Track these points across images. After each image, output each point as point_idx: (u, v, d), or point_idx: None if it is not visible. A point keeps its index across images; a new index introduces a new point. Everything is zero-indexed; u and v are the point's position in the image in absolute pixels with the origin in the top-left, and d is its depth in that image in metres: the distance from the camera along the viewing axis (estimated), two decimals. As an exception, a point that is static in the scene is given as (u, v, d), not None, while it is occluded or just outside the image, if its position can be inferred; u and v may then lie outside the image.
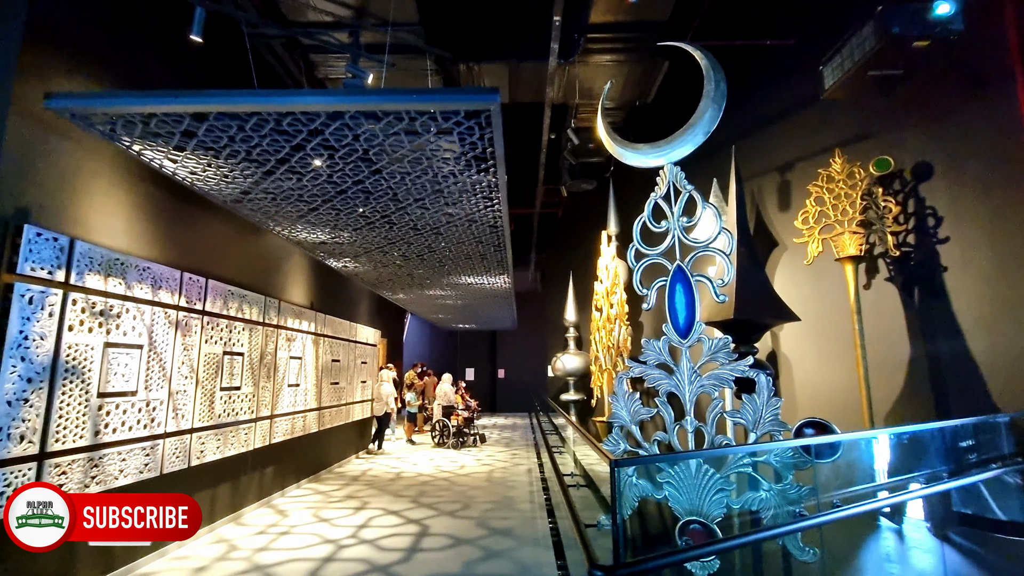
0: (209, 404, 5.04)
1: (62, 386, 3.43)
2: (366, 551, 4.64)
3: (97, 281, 3.72)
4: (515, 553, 4.59)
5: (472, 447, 10.95)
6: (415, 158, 3.74)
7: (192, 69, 4.74)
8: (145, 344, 4.18)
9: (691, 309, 3.34)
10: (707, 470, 3.03)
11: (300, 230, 5.49)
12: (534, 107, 7.39)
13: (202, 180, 4.07)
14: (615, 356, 9.05)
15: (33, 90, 3.25)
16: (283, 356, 6.62)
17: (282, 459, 6.61)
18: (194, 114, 3.00)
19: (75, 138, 3.60)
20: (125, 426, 3.97)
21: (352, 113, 3.03)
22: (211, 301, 5.08)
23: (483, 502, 6.35)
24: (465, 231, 5.51)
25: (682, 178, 3.51)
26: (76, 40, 3.65)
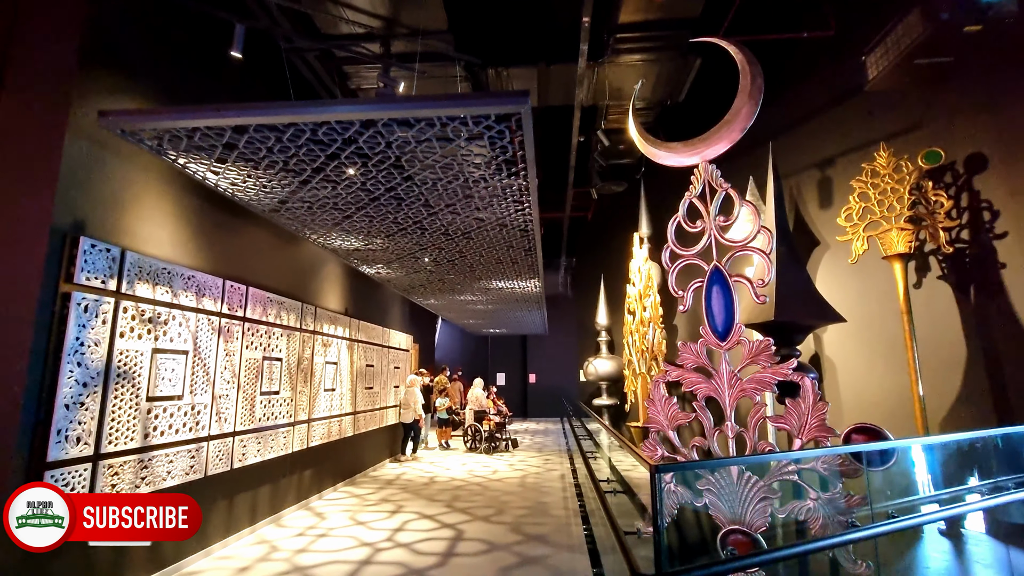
0: (250, 408, 5.19)
1: (114, 390, 3.59)
2: (402, 555, 4.67)
3: (146, 289, 3.89)
4: (551, 560, 4.54)
5: (504, 452, 10.93)
6: (446, 164, 3.77)
7: (232, 84, 4.92)
8: (190, 350, 4.34)
9: (729, 311, 3.24)
10: (749, 477, 2.92)
11: (335, 237, 5.61)
12: (563, 110, 7.37)
13: (242, 190, 4.21)
14: (649, 360, 8.89)
15: (87, 110, 3.43)
16: (319, 361, 6.77)
17: (319, 462, 6.74)
18: (235, 127, 3.11)
19: (125, 154, 3.78)
20: (172, 429, 4.12)
21: (384, 121, 3.08)
22: (251, 308, 5.24)
23: (517, 508, 6.32)
24: (496, 235, 5.53)
25: (718, 176, 3.42)
26: (125, 61, 3.84)
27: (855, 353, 5.81)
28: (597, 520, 5.57)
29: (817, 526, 2.76)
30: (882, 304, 5.50)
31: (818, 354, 6.14)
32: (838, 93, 6.16)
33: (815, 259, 6.30)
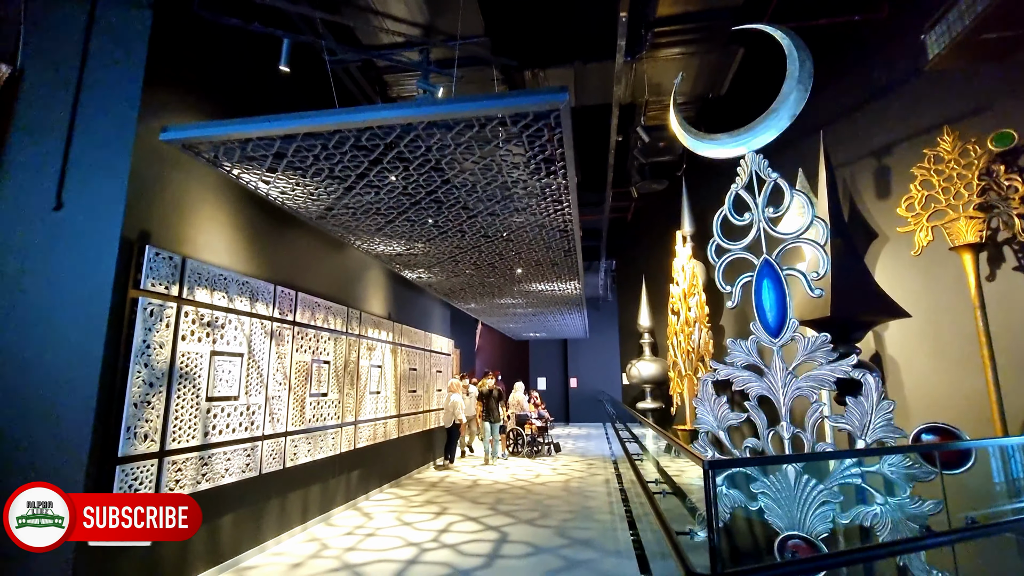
0: (300, 409, 5.36)
1: (177, 390, 3.78)
2: (448, 555, 4.70)
3: (204, 295, 4.09)
4: (597, 564, 4.46)
5: (547, 456, 10.85)
6: (485, 165, 3.79)
7: (281, 98, 5.14)
8: (245, 352, 4.53)
9: (782, 305, 3.10)
10: (808, 480, 2.77)
11: (377, 243, 5.75)
12: (601, 109, 7.30)
13: (291, 199, 4.37)
14: (695, 361, 8.63)
15: (151, 126, 3.66)
16: (365, 364, 6.93)
17: (366, 464, 6.89)
18: (284, 136, 3.24)
19: (184, 167, 4.00)
20: (229, 428, 4.31)
21: (424, 124, 3.13)
22: (301, 312, 5.43)
23: (561, 511, 6.25)
24: (535, 237, 5.52)
25: (765, 166, 3.29)
26: (184, 80, 4.07)
27: (921, 351, 5.44)
28: (644, 525, 5.43)
29: (885, 533, 2.59)
30: (950, 298, 5.13)
31: (879, 353, 5.78)
32: (894, 77, 5.82)
33: (873, 252, 5.95)
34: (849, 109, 6.35)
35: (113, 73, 3.72)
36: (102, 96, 3.70)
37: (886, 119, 5.92)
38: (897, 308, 4.82)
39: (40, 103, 3.77)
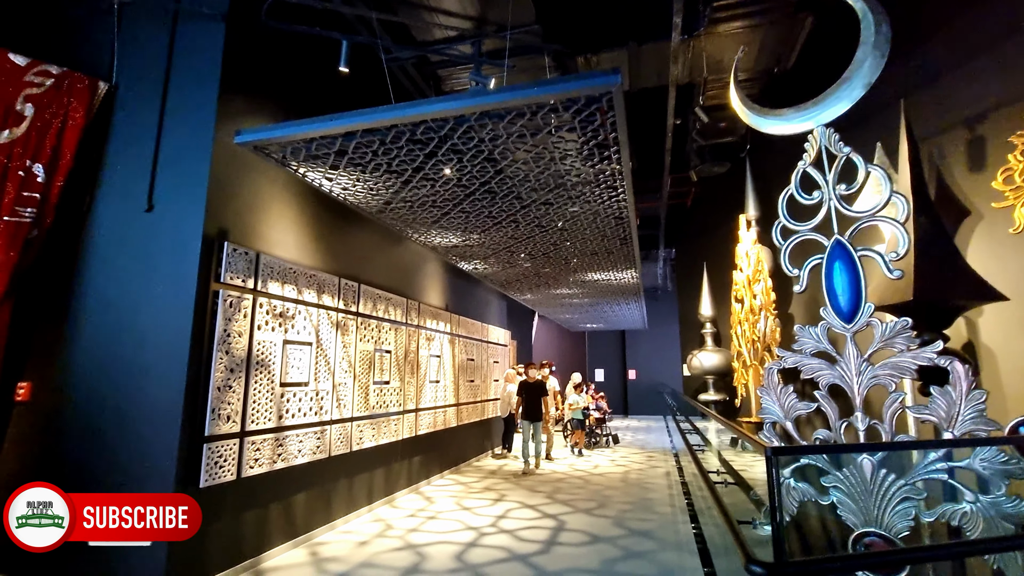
0: (365, 396, 5.62)
1: (254, 376, 4.08)
2: (506, 540, 4.79)
3: (276, 287, 4.37)
4: (657, 556, 4.39)
5: (605, 448, 10.77)
6: (537, 153, 3.79)
7: (341, 98, 5.36)
8: (313, 341, 4.80)
9: (855, 288, 2.90)
10: (886, 475, 2.59)
11: (434, 235, 5.89)
12: (657, 92, 7.07)
13: (352, 194, 4.57)
14: (761, 350, 8.24)
15: (226, 131, 3.94)
16: (424, 354, 7.15)
17: (426, 450, 7.12)
18: (344, 133, 3.38)
19: (256, 167, 4.28)
20: (300, 412, 4.59)
21: (477, 115, 3.17)
22: (363, 303, 5.68)
23: (620, 502, 6.19)
24: (590, 225, 5.45)
25: (836, 140, 3.07)
26: (254, 86, 4.34)
27: (1021, 338, 4.91)
28: (707, 520, 5.29)
29: (976, 533, 2.37)
30: (1059, 281, 4.59)
31: (972, 341, 5.27)
32: (988, 36, 5.23)
33: (965, 231, 5.41)
34: (934, 75, 5.79)
35: (193, 83, 4.03)
36: (184, 105, 4.01)
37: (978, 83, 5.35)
38: (992, 291, 4.37)
39: (132, 114, 4.14)
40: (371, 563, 4.18)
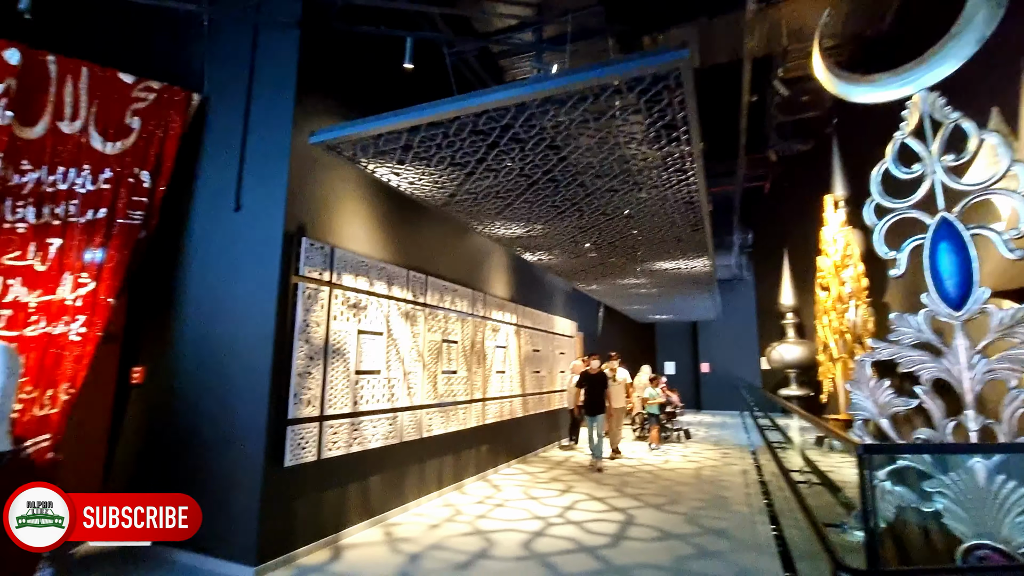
0: (433, 385, 5.79)
1: (331, 363, 4.31)
2: (573, 531, 4.76)
3: (350, 280, 4.58)
4: (732, 556, 4.19)
5: (676, 443, 10.42)
6: (601, 139, 3.69)
7: (406, 94, 5.50)
8: (384, 331, 5.00)
9: (965, 271, 2.57)
10: (1005, 481, 2.29)
11: (498, 226, 5.92)
12: (729, 68, 6.65)
13: (418, 188, 4.68)
14: (851, 342, 7.59)
15: (302, 132, 4.16)
16: (490, 345, 7.25)
17: (493, 439, 7.23)
18: (410, 128, 3.46)
19: (329, 166, 4.49)
20: (374, 398, 4.80)
21: (538, 102, 3.13)
22: (431, 295, 5.83)
23: (692, 499, 5.97)
24: (658, 211, 5.25)
25: (941, 105, 2.73)
26: (325, 87, 4.55)
27: None
28: (789, 522, 4.97)
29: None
30: None
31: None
32: None
33: (1107, 206, 4.66)
34: (1069, 25, 4.99)
35: (272, 89, 4.29)
36: (265, 110, 4.29)
37: None
38: None
39: (221, 122, 4.48)
40: (442, 546, 4.30)
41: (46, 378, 3.69)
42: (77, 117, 4.04)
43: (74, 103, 4.04)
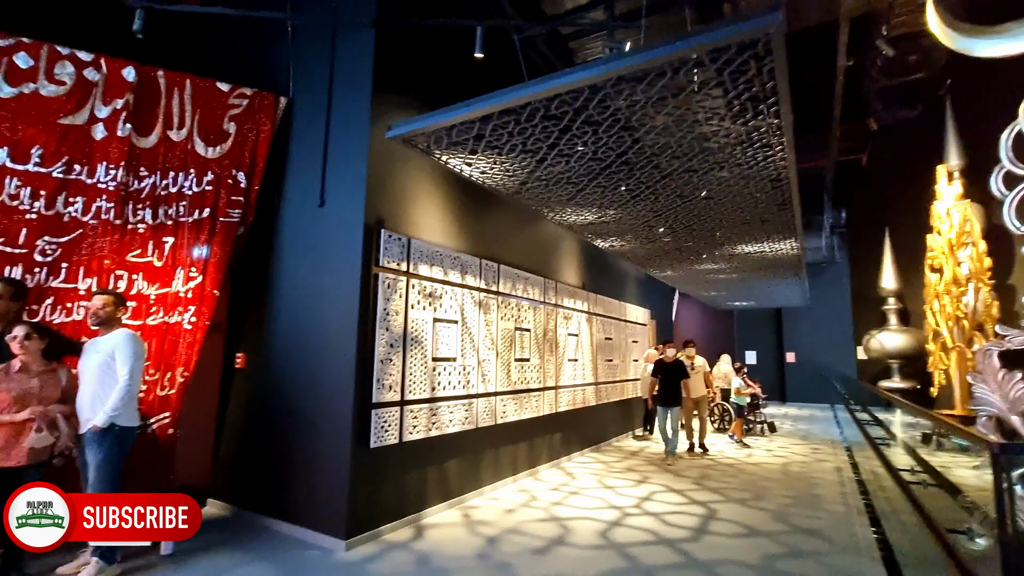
0: (507, 372, 5.85)
1: (410, 350, 4.47)
2: (651, 523, 4.66)
3: (425, 269, 4.71)
4: (828, 558, 3.91)
5: (759, 436, 9.88)
6: (679, 116, 3.51)
7: (477, 84, 5.53)
8: (459, 319, 5.11)
9: None
10: None
11: (569, 213, 5.84)
12: (820, 32, 6.07)
13: (490, 176, 4.70)
14: (969, 329, 6.77)
15: (378, 128, 4.30)
16: (562, 332, 7.21)
17: (566, 427, 7.22)
18: (482, 117, 3.47)
19: (404, 159, 4.62)
20: (450, 385, 4.93)
21: (612, 81, 3.02)
22: (503, 283, 5.88)
23: (779, 495, 5.64)
24: (740, 191, 4.94)
25: (1100, 52, 2.32)
26: (399, 82, 4.66)
27: None
28: (892, 524, 4.56)
29: None
30: None
31: None
32: None
33: None
34: None
35: (350, 88, 4.47)
36: (345, 109, 4.47)
37: None
38: None
39: (305, 123, 4.74)
40: (518, 530, 4.37)
41: (165, 362, 4.13)
42: (183, 125, 4.43)
43: (180, 112, 4.43)
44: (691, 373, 7.80)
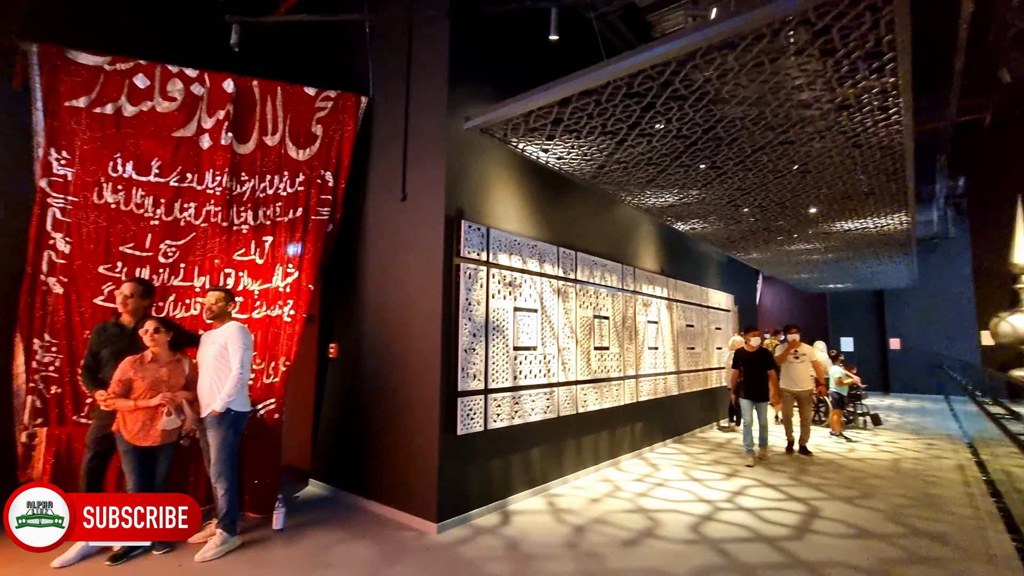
0: (586, 361, 5.77)
1: (492, 340, 4.51)
2: (746, 518, 4.42)
3: (505, 259, 4.72)
4: (955, 566, 3.51)
5: (862, 429, 9.10)
6: (776, 83, 3.22)
7: (552, 67, 5.42)
8: (538, 308, 5.08)
9: None
10: None
11: (648, 196, 5.61)
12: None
13: (566, 162, 4.61)
14: None
15: (456, 119, 4.33)
16: (641, 320, 6.99)
17: (647, 417, 7.02)
18: (561, 100, 3.39)
19: (480, 149, 4.63)
20: (532, 374, 4.93)
21: (703, 50, 2.82)
22: (580, 271, 5.78)
23: (891, 494, 5.15)
24: (842, 162, 4.50)
25: None
26: (474, 72, 4.66)
27: None
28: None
29: None
30: None
31: None
32: None
33: None
34: None
35: (427, 83, 4.53)
36: (422, 103, 4.55)
37: None
38: None
39: (385, 119, 4.88)
40: (605, 520, 4.31)
41: (269, 352, 4.45)
42: (276, 130, 4.71)
43: (273, 118, 4.71)
44: (795, 363, 6.99)
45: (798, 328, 7.35)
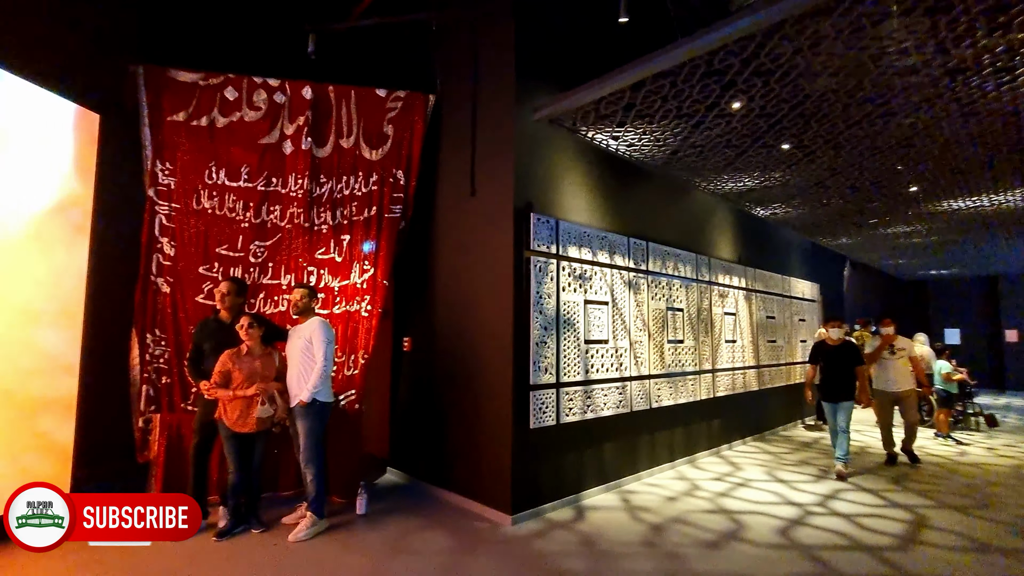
0: (660, 354, 5.57)
1: (563, 333, 4.45)
2: (842, 525, 4.09)
3: (574, 251, 4.64)
4: (1107, 592, 3.06)
5: (974, 431, 8.19)
6: (879, 50, 2.92)
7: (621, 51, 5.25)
8: (609, 301, 4.96)
9: None
10: None
11: (725, 180, 5.32)
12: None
13: (637, 149, 4.45)
14: None
15: (523, 112, 4.29)
16: (717, 312, 6.65)
17: (725, 413, 6.69)
18: (634, 84, 3.26)
19: (548, 141, 4.56)
20: (603, 368, 4.83)
21: (795, 18, 2.59)
22: (652, 262, 5.58)
23: (1015, 504, 4.59)
24: (954, 133, 4.02)
25: None
26: (540, 62, 4.59)
27: None
28: None
29: None
30: None
31: None
32: None
33: None
34: None
35: (493, 78, 4.52)
36: (489, 97, 4.55)
37: None
38: None
39: (453, 117, 4.93)
40: (684, 520, 4.15)
41: (349, 346, 4.65)
42: (351, 133, 4.89)
43: (348, 121, 4.89)
44: (892, 360, 6.13)
45: (893, 320, 6.41)
